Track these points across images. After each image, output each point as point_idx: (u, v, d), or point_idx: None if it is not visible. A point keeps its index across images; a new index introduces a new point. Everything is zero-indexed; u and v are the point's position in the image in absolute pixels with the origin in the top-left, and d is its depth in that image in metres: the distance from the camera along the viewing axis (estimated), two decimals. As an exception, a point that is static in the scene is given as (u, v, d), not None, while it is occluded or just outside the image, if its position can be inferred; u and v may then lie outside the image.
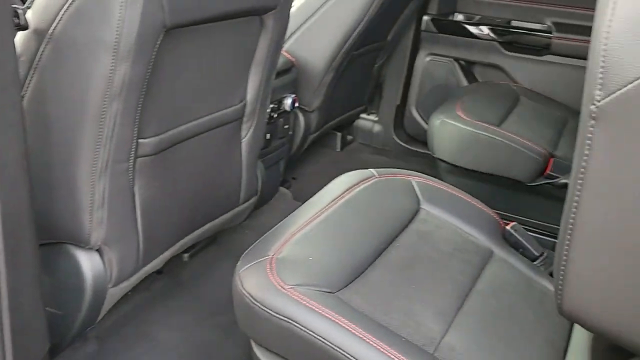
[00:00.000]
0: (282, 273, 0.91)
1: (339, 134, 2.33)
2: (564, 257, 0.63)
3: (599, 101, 0.56)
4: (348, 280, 0.95)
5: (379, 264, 1.01)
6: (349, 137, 2.43)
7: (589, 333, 0.89)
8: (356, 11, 1.67)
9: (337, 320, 0.85)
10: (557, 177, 1.60)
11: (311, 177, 2.15)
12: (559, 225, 1.72)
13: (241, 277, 0.93)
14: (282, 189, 1.89)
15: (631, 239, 0.58)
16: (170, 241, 1.22)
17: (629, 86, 0.54)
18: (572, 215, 0.61)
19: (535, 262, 1.17)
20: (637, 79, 0.54)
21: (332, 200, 1.13)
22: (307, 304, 0.86)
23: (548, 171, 1.61)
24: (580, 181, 0.60)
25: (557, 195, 1.63)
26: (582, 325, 0.67)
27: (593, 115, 0.57)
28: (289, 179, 2.03)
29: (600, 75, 0.56)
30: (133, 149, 1.02)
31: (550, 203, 1.66)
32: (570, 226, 0.61)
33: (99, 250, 1.05)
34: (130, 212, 1.07)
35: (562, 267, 0.63)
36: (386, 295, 0.95)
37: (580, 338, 0.96)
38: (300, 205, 1.17)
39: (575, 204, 0.60)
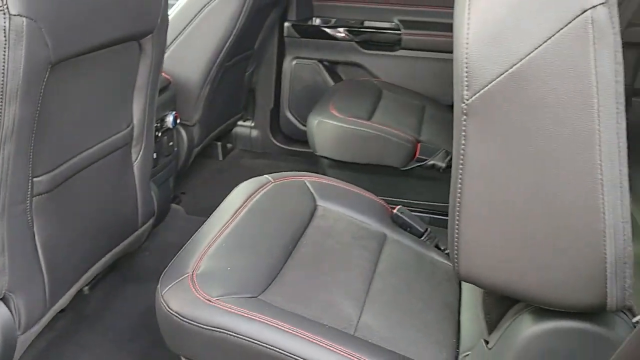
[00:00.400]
0: (205, 287, 0.96)
1: (219, 144, 2.36)
2: (456, 230, 0.76)
3: (467, 100, 0.69)
4: (267, 283, 1.01)
5: (291, 263, 1.09)
6: (229, 145, 2.47)
7: (478, 291, 1.04)
8: (225, 25, 1.72)
9: (265, 321, 0.91)
10: (426, 160, 1.79)
11: (199, 189, 2.17)
12: (434, 202, 1.92)
13: (165, 298, 0.96)
14: (173, 205, 1.89)
15: (503, 208, 0.71)
16: (75, 276, 1.20)
17: (489, 86, 0.67)
18: (458, 194, 0.73)
19: (421, 238, 1.32)
20: (494, 79, 0.67)
21: (236, 211, 1.19)
22: (236, 312, 0.92)
23: (417, 155, 1.80)
24: (460, 166, 0.72)
25: (427, 175, 1.83)
26: (477, 285, 0.81)
27: (464, 111, 0.70)
28: (178, 194, 2.03)
29: (466, 79, 0.68)
30: (29, 189, 0.99)
31: (423, 183, 1.86)
32: (458, 203, 0.74)
33: (3, 299, 1.00)
34: (32, 254, 1.04)
35: (456, 239, 0.76)
36: (303, 290, 1.03)
37: (469, 297, 1.13)
38: (205, 219, 1.21)
39: (459, 185, 0.73)
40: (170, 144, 1.71)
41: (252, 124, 2.50)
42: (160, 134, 1.62)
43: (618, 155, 0.64)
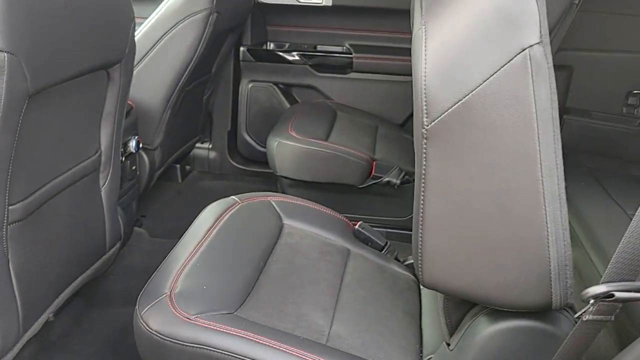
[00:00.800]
0: (184, 306, 1.00)
1: (178, 166, 2.39)
2: (420, 242, 0.84)
3: (427, 126, 0.78)
4: (242, 299, 1.07)
5: (264, 279, 1.15)
6: (188, 167, 2.50)
7: (437, 298, 1.13)
8: (186, 51, 1.77)
9: (243, 335, 0.96)
10: (381, 177, 1.89)
11: (160, 211, 2.19)
12: (390, 217, 2.02)
13: (144, 319, 1.00)
14: (136, 228, 1.90)
15: (461, 220, 0.80)
16: (47, 302, 1.21)
17: (445, 113, 0.76)
18: (421, 209, 0.82)
19: (382, 252, 1.41)
20: (449, 108, 0.76)
21: (207, 231, 1.24)
22: (215, 328, 0.96)
23: (373, 173, 1.89)
24: (422, 184, 0.81)
25: (383, 192, 1.93)
26: (440, 291, 0.89)
27: (424, 136, 0.78)
28: (139, 217, 2.04)
29: (425, 107, 0.77)
30: (5, 218, 1.01)
31: (379, 199, 1.95)
32: (421, 218, 0.82)
33: (-22, 327, 1.01)
34: (6, 281, 1.05)
35: (419, 250, 0.84)
36: (276, 304, 1.09)
37: (428, 304, 1.21)
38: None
39: (422, 201, 0.82)
40: (133, 168, 1.74)
41: (210, 146, 2.54)
42: (123, 159, 1.64)
43: (556, 171, 0.74)
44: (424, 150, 0.79)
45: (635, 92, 2.20)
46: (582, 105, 2.23)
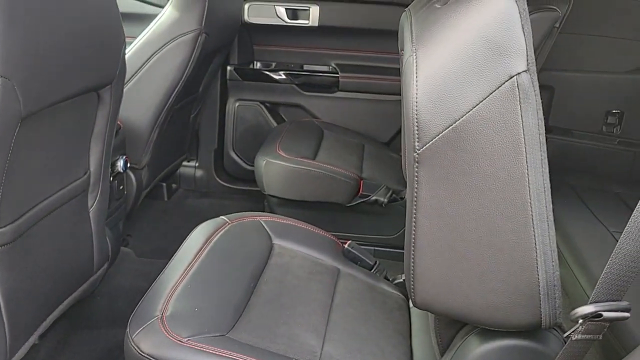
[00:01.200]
0: (176, 328, 1.00)
1: (164, 184, 2.38)
2: (412, 264, 0.85)
3: (418, 150, 0.80)
4: (233, 321, 1.07)
5: (255, 300, 1.15)
6: (174, 186, 2.50)
7: (427, 318, 1.15)
8: (175, 71, 1.78)
9: (236, 358, 0.96)
10: (369, 196, 1.90)
11: (146, 230, 2.17)
12: (378, 235, 2.03)
13: (135, 342, 0.99)
14: (122, 248, 1.89)
15: (452, 242, 0.82)
16: (34, 325, 1.19)
17: (436, 138, 0.78)
18: (413, 231, 0.83)
19: (372, 270, 1.42)
20: (440, 133, 0.78)
21: (197, 253, 1.24)
22: (207, 350, 0.96)
23: (361, 192, 1.91)
24: (414, 207, 0.82)
25: (371, 210, 1.94)
26: (432, 312, 0.91)
27: (416, 159, 0.80)
28: (125, 236, 2.03)
29: (417, 132, 0.79)
30: (-5, 241, 1.00)
31: (367, 217, 1.97)
32: (413, 240, 0.84)
33: (-34, 351, 1.00)
34: (-6, 305, 1.04)
35: (412, 271, 0.86)
36: (268, 325, 1.09)
37: (418, 324, 1.23)
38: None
39: (413, 223, 0.83)
40: (121, 187, 1.73)
41: (197, 164, 2.54)
42: (111, 179, 1.64)
43: (544, 194, 0.77)
44: (416, 174, 0.80)
45: (614, 111, 2.26)
46: (563, 124, 2.28)
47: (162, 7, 1.89)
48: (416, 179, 0.81)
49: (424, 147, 0.79)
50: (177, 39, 1.77)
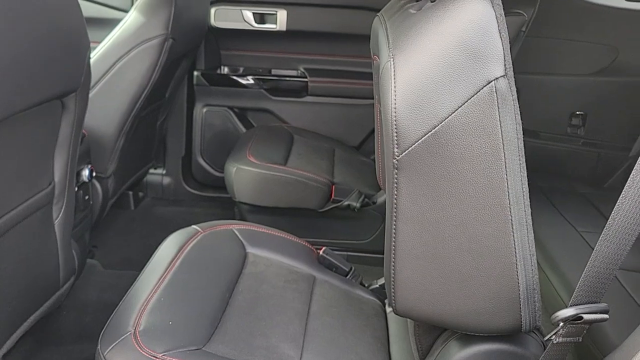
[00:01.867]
0: (150, 344, 0.97)
1: (130, 193, 2.33)
2: (392, 271, 0.84)
3: (397, 156, 0.79)
4: (209, 334, 1.04)
5: (230, 312, 1.12)
6: (141, 194, 2.44)
7: (405, 324, 1.14)
8: (141, 78, 1.73)
9: (213, 372, 0.94)
10: (341, 200, 1.90)
11: (113, 241, 2.11)
12: (351, 240, 2.03)
13: (108, 359, 0.95)
14: (89, 260, 1.83)
15: (433, 248, 0.81)
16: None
17: (415, 144, 0.78)
18: (393, 238, 0.82)
19: (347, 277, 1.41)
20: (419, 139, 0.77)
21: (169, 264, 1.20)
22: (183, 365, 0.93)
23: (333, 197, 1.90)
24: (394, 214, 0.81)
25: (343, 215, 1.93)
26: (412, 318, 0.90)
27: (395, 166, 0.79)
28: (91, 248, 1.97)
29: (396, 138, 0.78)
30: (-46, 257, 0.95)
31: (340, 222, 1.96)
32: (393, 246, 0.83)
33: None
34: (-45, 324, 0.99)
35: (392, 278, 0.85)
36: (245, 337, 1.06)
37: (396, 330, 1.22)
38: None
39: (393, 230, 0.82)
40: (86, 197, 1.68)
41: (164, 172, 2.49)
42: (76, 189, 1.58)
43: (523, 198, 0.77)
44: (395, 180, 0.80)
45: (577, 112, 2.32)
46: (530, 126, 2.32)
47: (126, 11, 1.84)
48: (395, 185, 0.80)
49: (404, 153, 0.78)
50: (142, 44, 1.73)
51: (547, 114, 2.32)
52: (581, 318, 0.71)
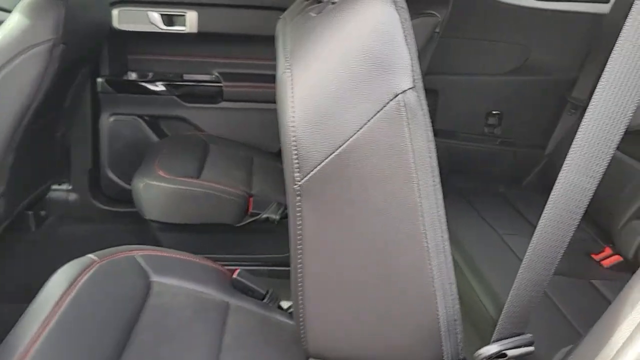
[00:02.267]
0: (28, 402, 0.83)
1: (30, 213, 2.11)
2: (300, 308, 0.75)
3: (299, 181, 0.70)
4: (102, 384, 0.91)
5: (129, 356, 1.00)
6: (43, 213, 2.22)
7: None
8: (29, 87, 1.55)
9: None
10: (259, 214, 1.79)
11: (10, 269, 1.90)
12: (272, 255, 1.92)
13: None
14: (-23, 295, 1.63)
15: (343, 282, 0.73)
16: None
17: (319, 167, 0.69)
18: (299, 273, 0.73)
19: (264, 300, 1.31)
20: (323, 161, 0.68)
21: (57, 303, 1.06)
22: None
23: (251, 210, 1.79)
24: (299, 244, 0.72)
25: (263, 229, 1.83)
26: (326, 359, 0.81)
27: (297, 192, 0.70)
28: (-19, 279, 1.76)
29: (296, 162, 0.69)
30: None
31: (259, 237, 1.85)
32: (300, 282, 0.74)
33: None
34: None
35: (301, 316, 0.76)
36: (145, 383, 0.94)
37: None
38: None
39: (299, 263, 0.73)
40: (-31, 225, 1.48)
41: (69, 187, 2.28)
42: (-45, 216, 1.39)
43: (439, 222, 0.70)
44: (298, 208, 0.70)
45: (494, 112, 2.33)
46: (448, 127, 2.31)
47: (9, 11, 1.65)
48: (299, 214, 0.71)
49: (306, 178, 0.69)
50: (28, 50, 1.55)
51: (465, 114, 2.32)
52: (505, 355, 0.65)
